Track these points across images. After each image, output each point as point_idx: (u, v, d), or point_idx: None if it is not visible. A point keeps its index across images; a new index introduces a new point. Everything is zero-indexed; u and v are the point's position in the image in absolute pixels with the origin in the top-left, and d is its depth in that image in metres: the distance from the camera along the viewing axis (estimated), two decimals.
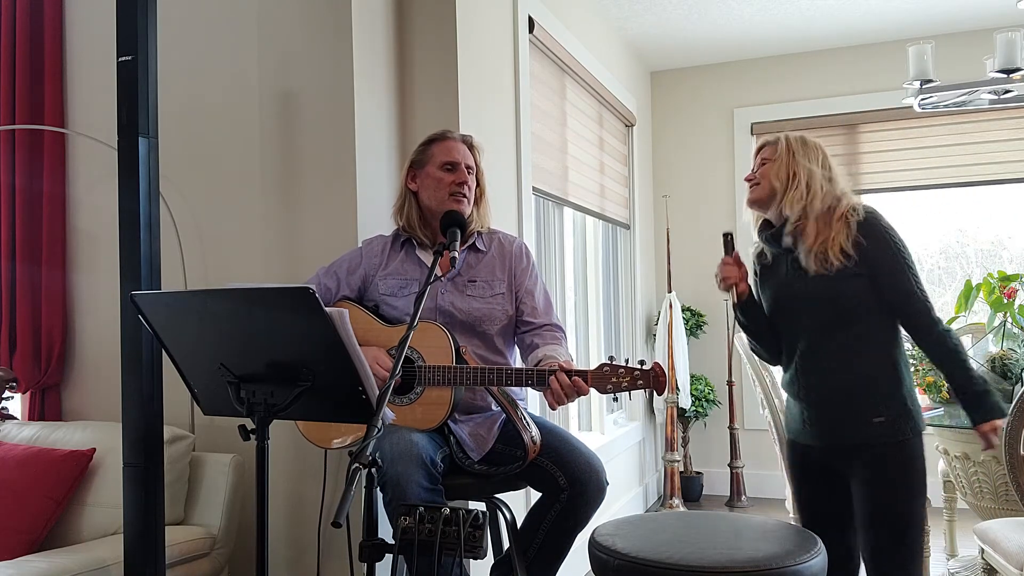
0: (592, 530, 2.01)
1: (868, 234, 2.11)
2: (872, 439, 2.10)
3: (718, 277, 2.34)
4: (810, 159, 2.20)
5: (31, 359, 2.86)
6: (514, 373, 1.98)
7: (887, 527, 2.09)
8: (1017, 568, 2.35)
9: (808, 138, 2.26)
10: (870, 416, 2.10)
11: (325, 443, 2.17)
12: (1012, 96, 3.45)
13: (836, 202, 2.17)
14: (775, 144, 2.26)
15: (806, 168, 2.19)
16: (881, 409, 2.10)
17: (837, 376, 2.15)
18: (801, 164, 2.19)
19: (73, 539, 2.37)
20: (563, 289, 4.04)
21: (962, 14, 4.69)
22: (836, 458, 2.18)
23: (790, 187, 2.19)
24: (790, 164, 2.20)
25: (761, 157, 2.29)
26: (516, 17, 3.27)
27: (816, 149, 2.24)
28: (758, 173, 2.27)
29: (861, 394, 2.12)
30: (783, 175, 2.20)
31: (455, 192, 2.22)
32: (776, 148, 2.25)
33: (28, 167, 2.90)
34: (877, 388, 2.12)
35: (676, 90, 5.66)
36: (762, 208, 2.31)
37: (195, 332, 1.67)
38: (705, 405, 5.29)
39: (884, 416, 2.09)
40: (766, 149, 2.28)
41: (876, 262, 2.10)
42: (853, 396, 2.13)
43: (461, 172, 2.24)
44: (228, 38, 2.70)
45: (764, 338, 2.34)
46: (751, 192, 2.30)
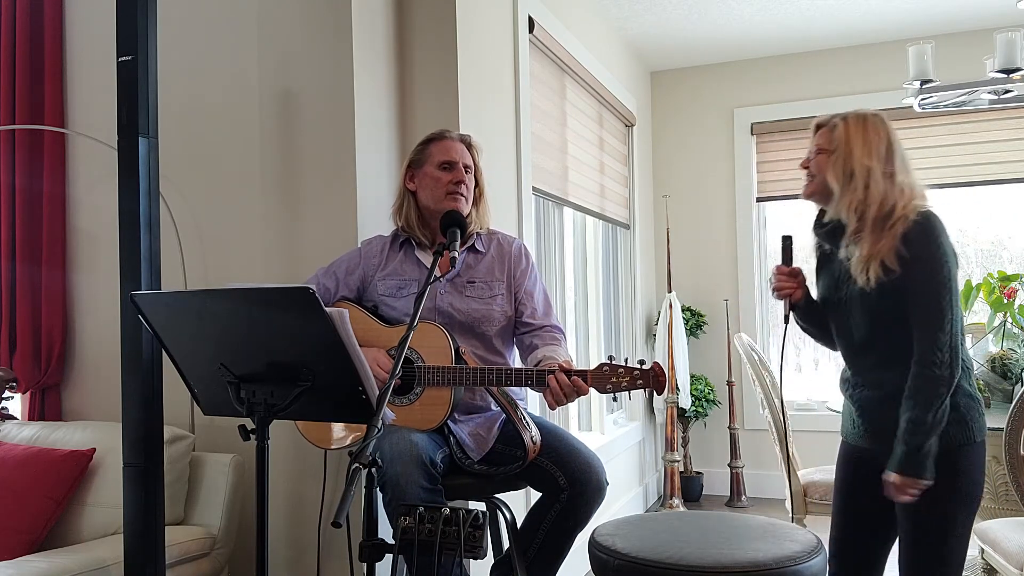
0: (592, 530, 2.01)
1: (912, 244, 1.95)
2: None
3: (771, 284, 2.24)
4: (871, 152, 2.02)
5: (31, 359, 2.86)
6: (513, 373, 1.98)
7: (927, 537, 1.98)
8: (1017, 568, 2.35)
9: (870, 121, 2.06)
10: None
11: (325, 443, 2.17)
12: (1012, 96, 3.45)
13: (893, 205, 2.00)
14: (832, 129, 2.08)
15: (864, 166, 2.01)
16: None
17: (884, 381, 2.04)
18: (859, 161, 2.02)
19: (73, 539, 2.37)
20: (563, 289, 4.04)
21: (962, 14, 4.69)
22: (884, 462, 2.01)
23: (846, 189, 2.03)
24: (847, 160, 2.03)
25: (817, 143, 2.12)
26: (516, 17, 3.27)
27: (877, 135, 2.04)
28: (813, 164, 2.11)
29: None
30: (839, 173, 2.04)
31: (452, 191, 2.21)
32: (833, 136, 2.07)
33: (28, 167, 2.90)
34: None
35: (676, 90, 5.66)
36: (819, 202, 2.16)
37: (195, 332, 1.67)
38: (705, 405, 5.29)
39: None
40: (822, 134, 2.11)
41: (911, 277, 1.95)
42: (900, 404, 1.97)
43: (459, 171, 2.24)
44: (228, 38, 2.70)
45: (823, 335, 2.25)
46: (806, 186, 2.15)
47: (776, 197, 5.47)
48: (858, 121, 2.06)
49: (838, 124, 2.08)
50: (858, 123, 2.05)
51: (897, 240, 1.96)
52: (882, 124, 2.06)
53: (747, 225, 5.46)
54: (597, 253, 4.70)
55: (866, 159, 2.01)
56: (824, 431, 4.31)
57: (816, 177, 2.11)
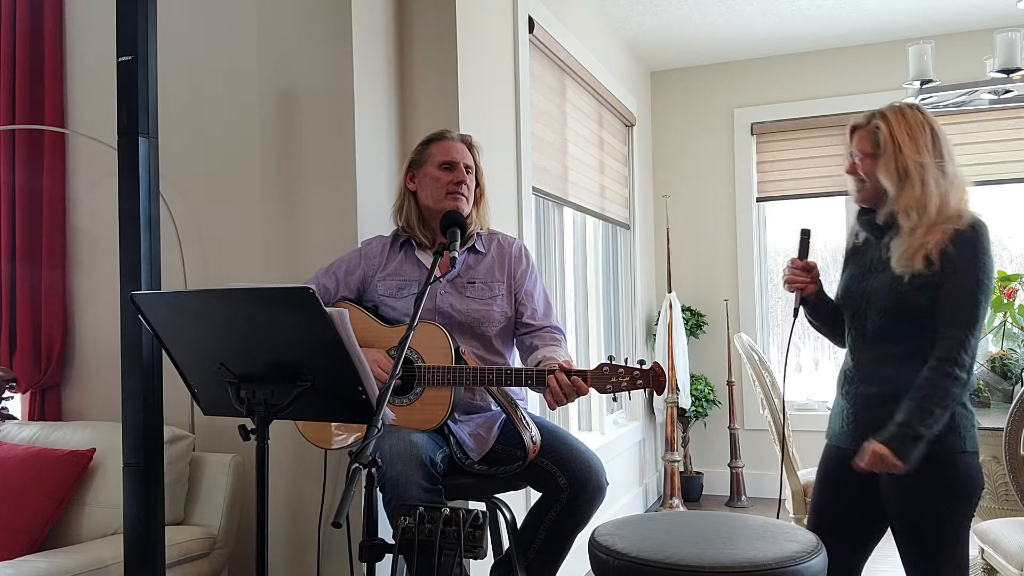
0: (592, 530, 2.00)
1: (961, 245, 1.92)
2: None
3: (785, 276, 2.20)
4: (919, 147, 1.97)
5: (31, 359, 2.86)
6: (513, 373, 1.98)
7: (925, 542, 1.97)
8: (1017, 568, 2.35)
9: (909, 114, 2.01)
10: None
11: (325, 443, 2.17)
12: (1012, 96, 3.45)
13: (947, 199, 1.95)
14: (873, 132, 2.02)
15: (916, 163, 1.96)
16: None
17: (888, 379, 2.01)
18: (911, 159, 1.96)
19: (73, 539, 2.37)
20: (563, 289, 4.04)
21: (962, 14, 4.69)
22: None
23: (903, 188, 1.97)
24: (898, 161, 1.98)
25: (860, 147, 2.05)
26: (516, 17, 3.27)
27: (922, 129, 1.99)
28: (862, 171, 2.05)
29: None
30: (892, 173, 1.98)
31: (453, 191, 2.21)
32: (876, 138, 2.01)
33: (28, 167, 2.90)
34: None
35: (676, 90, 5.66)
36: (872, 205, 2.09)
37: (195, 332, 1.67)
38: (705, 405, 5.29)
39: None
40: (863, 137, 2.05)
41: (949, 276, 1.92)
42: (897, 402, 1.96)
43: (459, 171, 2.24)
44: (228, 38, 2.70)
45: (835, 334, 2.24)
46: (858, 192, 2.09)
47: (776, 197, 5.47)
48: (899, 116, 2.01)
49: (880, 125, 2.02)
50: (899, 119, 2.00)
51: (947, 237, 1.92)
52: (922, 114, 2.02)
53: (747, 225, 5.46)
54: (597, 253, 4.70)
55: (916, 155, 1.97)
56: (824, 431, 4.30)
57: (867, 182, 2.05)
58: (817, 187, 5.33)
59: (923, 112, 2.02)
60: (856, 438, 2.06)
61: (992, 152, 4.98)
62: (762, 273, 5.49)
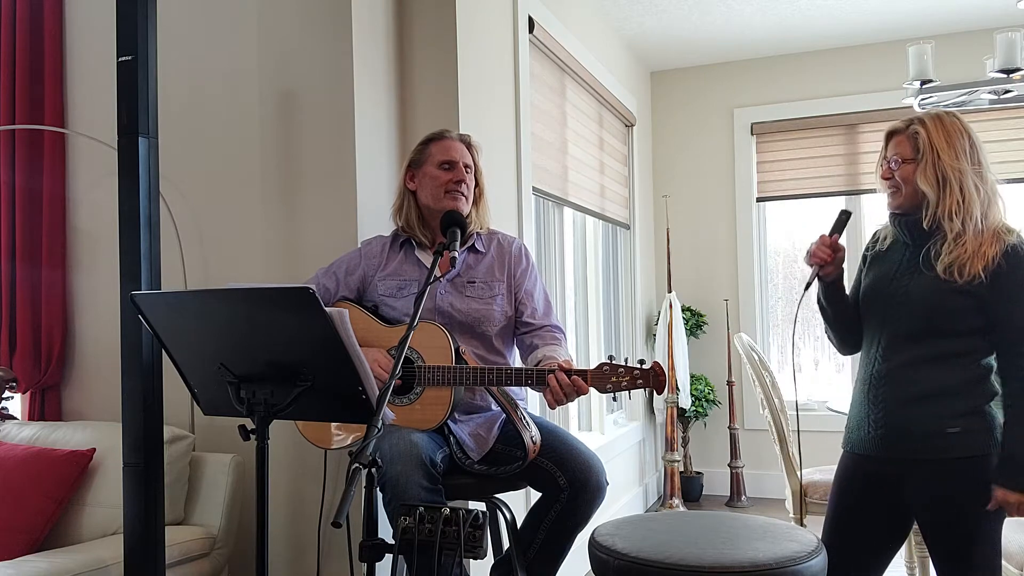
0: (592, 530, 2.01)
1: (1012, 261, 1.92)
2: (943, 451, 1.95)
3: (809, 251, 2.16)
4: (957, 154, 1.97)
5: (31, 359, 2.86)
6: (513, 373, 1.98)
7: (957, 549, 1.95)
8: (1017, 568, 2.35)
9: (948, 121, 2.01)
10: (944, 426, 1.94)
11: (325, 443, 2.17)
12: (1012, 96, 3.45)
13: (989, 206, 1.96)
14: (912, 138, 2.02)
15: (955, 169, 1.96)
16: (959, 420, 1.94)
17: (916, 382, 1.99)
18: (950, 166, 1.96)
19: (73, 539, 2.37)
20: (563, 289, 4.04)
21: (962, 14, 4.69)
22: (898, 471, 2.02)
23: (943, 195, 1.97)
24: (937, 167, 1.97)
25: (898, 152, 2.04)
26: (516, 17, 3.27)
27: (961, 136, 1.99)
28: (898, 175, 2.04)
29: (939, 402, 1.96)
30: (931, 180, 1.98)
31: (452, 190, 2.21)
32: (914, 144, 2.01)
33: (28, 167, 2.90)
34: (957, 398, 1.95)
35: (676, 90, 5.66)
36: (909, 211, 2.07)
37: (195, 332, 1.67)
38: (705, 405, 5.29)
39: (960, 427, 1.93)
40: (901, 143, 2.04)
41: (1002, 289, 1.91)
42: (931, 403, 1.96)
43: (459, 171, 2.24)
44: (228, 38, 2.70)
45: (840, 327, 2.21)
46: (892, 198, 2.07)
47: (776, 197, 5.47)
48: (937, 123, 2.01)
49: (919, 131, 2.01)
50: (938, 125, 2.00)
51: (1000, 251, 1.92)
52: (960, 122, 2.02)
53: (747, 225, 5.46)
54: (597, 253, 4.70)
55: (955, 161, 1.97)
56: (824, 431, 4.31)
57: (904, 188, 2.04)
58: (817, 187, 5.33)
59: (961, 119, 2.02)
60: (886, 444, 2.03)
61: (992, 152, 4.89)
62: (762, 273, 5.49)
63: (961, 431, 1.94)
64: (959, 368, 1.97)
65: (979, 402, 1.96)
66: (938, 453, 1.96)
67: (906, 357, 2.02)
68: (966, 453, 1.93)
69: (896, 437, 2.01)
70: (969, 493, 1.93)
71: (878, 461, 2.05)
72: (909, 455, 2.00)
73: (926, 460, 1.97)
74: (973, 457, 1.93)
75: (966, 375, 1.97)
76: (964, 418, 1.95)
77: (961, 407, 1.95)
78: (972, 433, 1.94)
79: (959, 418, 1.95)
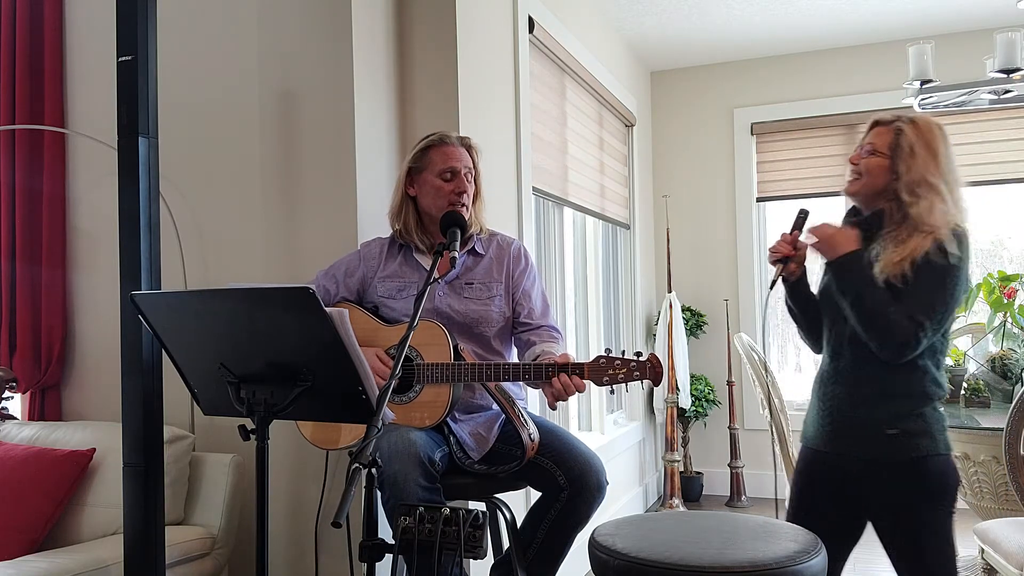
0: (592, 530, 2.00)
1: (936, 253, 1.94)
2: (887, 454, 2.00)
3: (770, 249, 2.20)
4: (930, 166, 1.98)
5: (31, 359, 2.85)
6: (511, 368, 1.98)
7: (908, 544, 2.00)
8: (1017, 568, 2.35)
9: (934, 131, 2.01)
10: (884, 428, 2.00)
11: (325, 444, 2.17)
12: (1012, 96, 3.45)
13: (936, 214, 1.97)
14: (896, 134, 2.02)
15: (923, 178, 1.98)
16: (897, 423, 1.99)
17: (862, 384, 2.05)
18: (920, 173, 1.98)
19: (73, 539, 2.37)
20: (563, 289, 4.04)
21: (962, 14, 4.69)
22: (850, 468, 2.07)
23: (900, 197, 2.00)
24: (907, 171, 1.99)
25: (873, 143, 2.05)
26: (516, 17, 3.27)
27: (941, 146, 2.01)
28: (864, 164, 2.05)
29: (881, 405, 2.01)
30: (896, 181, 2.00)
31: (455, 201, 2.20)
32: (897, 141, 2.02)
33: (28, 167, 2.90)
34: (898, 402, 2.00)
35: (676, 90, 5.66)
36: (859, 201, 2.12)
37: (195, 332, 1.67)
38: (705, 405, 5.29)
39: (898, 430, 1.98)
40: (880, 134, 2.05)
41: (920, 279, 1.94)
42: (872, 406, 2.02)
43: (460, 180, 2.22)
44: (228, 38, 2.70)
45: (806, 325, 2.25)
46: (851, 183, 2.09)
47: (776, 197, 5.47)
48: (921, 130, 2.01)
49: (903, 129, 2.02)
50: (921, 132, 2.01)
51: (931, 247, 1.94)
52: (943, 134, 2.03)
53: (747, 225, 5.46)
54: (597, 253, 4.70)
55: (927, 173, 1.98)
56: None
57: (864, 178, 2.06)
58: (817, 187, 5.33)
59: (944, 132, 2.03)
60: (833, 440, 2.09)
61: (992, 152, 4.98)
62: (762, 273, 5.49)
63: (900, 433, 1.98)
64: (899, 371, 2.00)
65: (918, 405, 2.00)
66: (881, 454, 2.01)
67: (851, 358, 2.07)
68: (907, 455, 1.97)
69: (844, 435, 2.07)
70: (913, 494, 1.98)
71: (830, 456, 2.11)
72: (856, 453, 2.05)
73: (872, 460, 2.03)
74: (913, 459, 1.98)
75: (903, 380, 2.01)
76: (903, 420, 1.99)
77: (900, 410, 2.00)
78: (912, 435, 1.98)
79: (899, 420, 1.99)
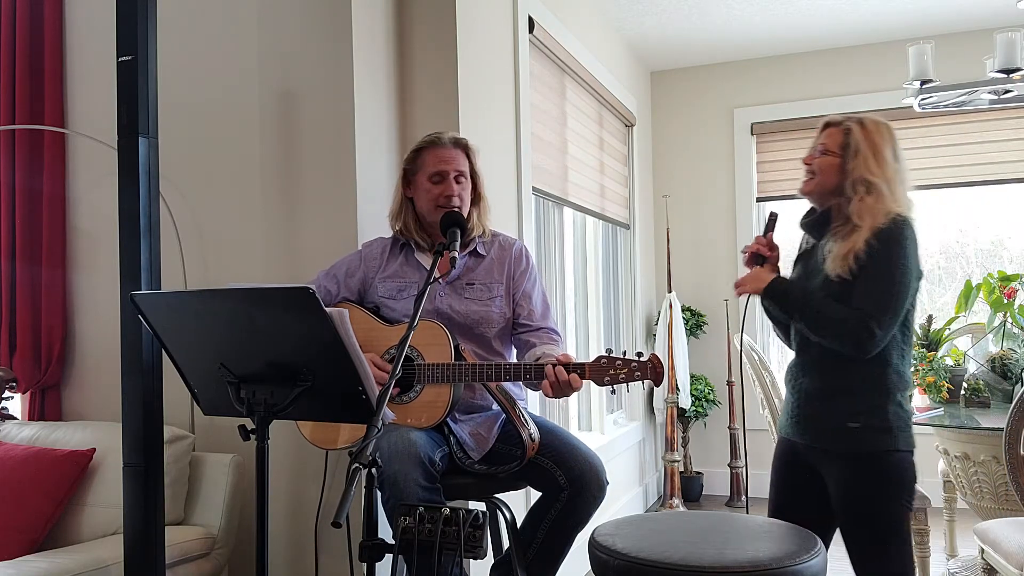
0: (592, 530, 2.01)
1: (879, 243, 2.01)
2: (848, 447, 2.07)
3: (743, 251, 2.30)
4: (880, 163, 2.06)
5: (31, 359, 2.85)
6: (512, 368, 1.98)
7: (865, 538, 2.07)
8: (1017, 568, 2.35)
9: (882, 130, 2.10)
10: (846, 421, 2.07)
11: (325, 444, 2.17)
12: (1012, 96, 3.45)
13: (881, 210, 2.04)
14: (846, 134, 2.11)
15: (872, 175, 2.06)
16: (858, 417, 2.05)
17: (826, 376, 2.12)
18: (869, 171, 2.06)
19: (73, 539, 2.37)
20: (563, 289, 4.04)
21: (962, 14, 4.69)
22: (817, 459, 2.16)
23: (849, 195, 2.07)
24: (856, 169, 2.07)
25: (825, 143, 2.14)
26: (516, 17, 3.27)
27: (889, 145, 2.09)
28: (816, 164, 2.14)
29: (843, 399, 2.08)
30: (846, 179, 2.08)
31: (443, 204, 2.20)
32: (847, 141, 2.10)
33: (28, 167, 2.90)
34: (860, 396, 2.06)
35: (676, 90, 5.66)
36: (814, 200, 2.20)
37: (195, 332, 1.67)
38: (705, 405, 5.29)
39: (860, 423, 2.05)
40: (832, 135, 2.14)
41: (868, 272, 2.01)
42: (834, 399, 2.10)
43: (448, 184, 2.21)
44: (228, 38, 2.70)
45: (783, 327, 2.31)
46: (805, 183, 2.18)
47: (776, 197, 5.46)
48: (868, 130, 2.09)
49: (852, 129, 2.10)
50: (868, 132, 2.09)
51: (870, 236, 2.02)
52: (891, 133, 2.12)
53: (747, 225, 5.46)
54: (597, 253, 4.70)
55: (876, 169, 2.06)
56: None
57: (817, 177, 2.14)
58: None
59: (892, 132, 2.14)
60: (800, 431, 2.18)
61: (992, 152, 4.98)
62: None
63: (862, 427, 2.06)
64: (859, 365, 2.07)
65: (878, 400, 2.06)
66: (844, 447, 2.08)
67: (816, 352, 2.15)
68: (868, 449, 2.05)
69: (810, 427, 2.16)
70: (873, 487, 2.06)
71: (800, 446, 2.21)
72: (821, 445, 2.14)
73: (836, 452, 2.11)
74: (874, 454, 2.05)
75: (864, 373, 2.07)
76: (864, 415, 2.06)
77: (861, 404, 2.07)
78: (872, 430, 2.05)
79: (859, 415, 2.06)
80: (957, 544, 3.76)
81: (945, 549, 3.78)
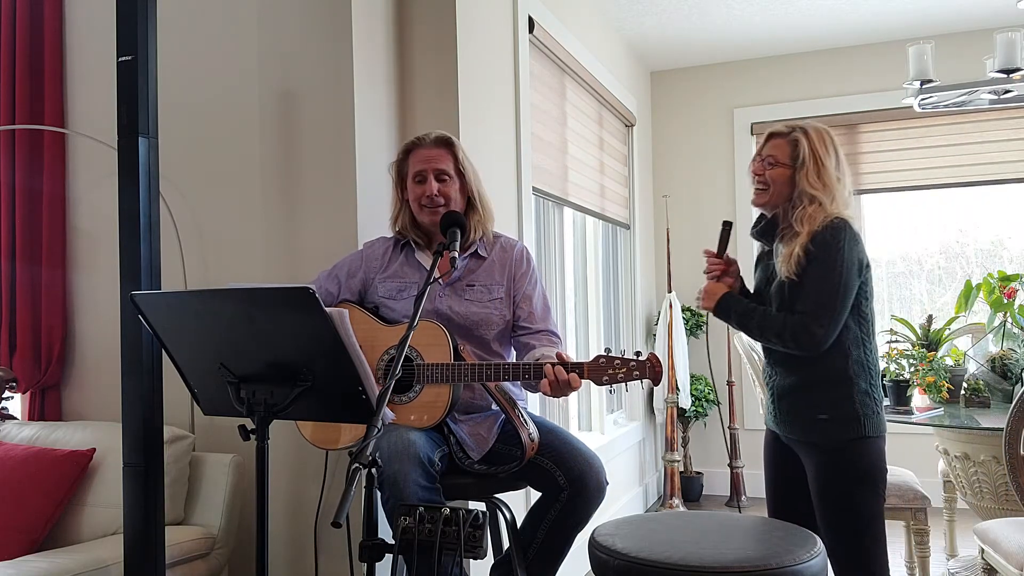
0: (592, 530, 2.01)
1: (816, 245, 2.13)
2: (819, 439, 2.18)
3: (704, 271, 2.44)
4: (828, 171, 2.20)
5: (31, 359, 2.85)
6: (511, 368, 1.98)
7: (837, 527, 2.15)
8: (1017, 568, 2.35)
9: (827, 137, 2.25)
10: (816, 414, 2.18)
11: (325, 444, 2.17)
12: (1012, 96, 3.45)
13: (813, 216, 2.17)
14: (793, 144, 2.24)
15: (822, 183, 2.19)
16: (826, 408, 2.16)
17: (792, 373, 2.23)
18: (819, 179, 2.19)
19: (73, 539, 2.37)
20: (563, 290, 4.04)
21: (962, 14, 4.69)
22: (798, 449, 2.28)
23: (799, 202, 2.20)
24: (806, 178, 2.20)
25: (772, 154, 2.27)
26: (516, 17, 3.27)
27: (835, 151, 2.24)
28: (769, 176, 2.26)
29: (810, 393, 2.20)
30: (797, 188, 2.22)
31: (426, 204, 2.21)
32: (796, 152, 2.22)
33: (28, 167, 2.90)
34: (825, 388, 2.17)
35: (676, 90, 5.66)
36: (768, 210, 2.36)
37: (195, 332, 1.67)
38: (705, 405, 5.29)
39: (828, 415, 2.16)
40: (778, 146, 2.27)
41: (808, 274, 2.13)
42: (803, 394, 2.21)
43: (428, 184, 2.21)
44: (228, 38, 2.70)
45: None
46: (757, 195, 2.32)
47: None
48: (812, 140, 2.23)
49: (799, 139, 2.23)
50: (812, 143, 2.22)
51: (807, 241, 2.12)
52: (833, 141, 2.27)
53: (747, 225, 5.45)
54: (597, 253, 4.70)
55: (817, 182, 2.18)
56: None
57: (771, 188, 2.26)
58: None
59: (833, 135, 2.28)
60: (777, 424, 2.32)
61: (992, 152, 4.98)
62: None
63: (830, 419, 2.15)
64: (821, 360, 2.17)
65: (844, 391, 2.16)
66: (816, 438, 2.20)
67: (779, 353, 2.27)
68: (836, 438, 2.15)
69: (786, 421, 2.28)
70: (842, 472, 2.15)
71: (780, 437, 2.34)
72: (796, 436, 2.26)
73: (810, 443, 2.22)
74: (843, 442, 2.15)
75: (827, 367, 2.17)
76: (831, 408, 2.16)
77: (828, 397, 2.16)
78: (839, 422, 2.15)
79: (827, 408, 2.16)
80: (957, 544, 3.76)
81: (945, 549, 3.78)
